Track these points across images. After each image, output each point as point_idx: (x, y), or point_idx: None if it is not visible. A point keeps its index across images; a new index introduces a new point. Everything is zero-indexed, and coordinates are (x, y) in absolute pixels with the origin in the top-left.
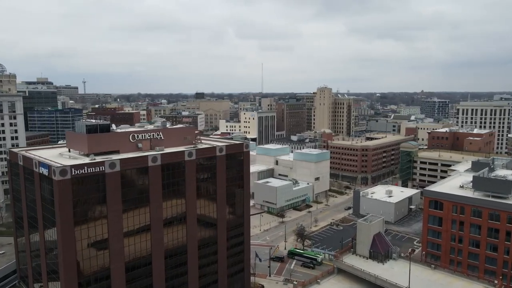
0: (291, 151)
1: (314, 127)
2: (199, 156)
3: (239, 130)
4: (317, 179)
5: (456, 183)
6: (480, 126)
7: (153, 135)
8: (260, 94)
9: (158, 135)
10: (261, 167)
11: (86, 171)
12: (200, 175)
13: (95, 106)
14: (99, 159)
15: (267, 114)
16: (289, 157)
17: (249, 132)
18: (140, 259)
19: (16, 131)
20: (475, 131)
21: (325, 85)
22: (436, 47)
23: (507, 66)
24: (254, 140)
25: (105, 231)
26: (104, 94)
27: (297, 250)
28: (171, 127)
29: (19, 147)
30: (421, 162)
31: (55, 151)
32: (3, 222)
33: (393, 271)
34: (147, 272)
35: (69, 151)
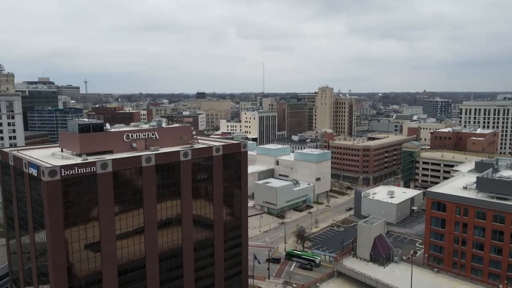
0: (292, 151)
1: (316, 127)
2: (195, 156)
3: (240, 130)
4: (318, 179)
5: (459, 184)
6: (484, 126)
7: (148, 134)
8: (262, 94)
9: (153, 134)
10: (262, 167)
11: (76, 172)
12: (196, 176)
13: (96, 106)
14: (92, 159)
15: (268, 114)
16: (289, 157)
17: (250, 132)
18: (134, 262)
19: (14, 130)
20: (478, 131)
21: (326, 85)
22: (437, 47)
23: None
24: (255, 140)
25: (97, 234)
26: (105, 94)
27: (295, 251)
28: (167, 127)
29: (11, 147)
30: (424, 163)
31: (48, 151)
32: None
33: (394, 274)
34: (141, 276)
35: (62, 151)
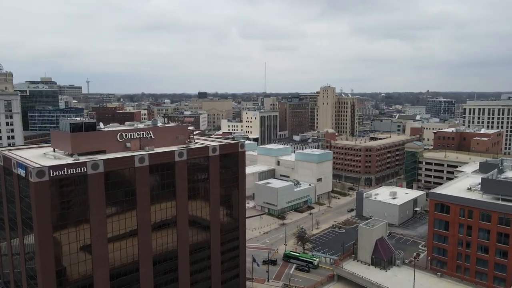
0: (293, 151)
1: (317, 127)
2: (190, 157)
3: (241, 130)
4: (319, 180)
5: (463, 185)
6: (488, 126)
7: (143, 134)
8: (264, 94)
9: (148, 134)
10: (262, 168)
11: (66, 172)
12: (192, 176)
13: (97, 105)
14: (83, 159)
15: (269, 114)
16: (290, 158)
17: (251, 132)
18: (127, 265)
19: (12, 130)
20: (483, 131)
21: (328, 85)
22: (441, 46)
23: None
24: (256, 140)
25: (88, 236)
26: (107, 94)
27: (292, 253)
28: (162, 126)
29: (5, 147)
30: (427, 163)
31: (40, 151)
32: None
33: (396, 279)
34: (134, 279)
35: (54, 151)
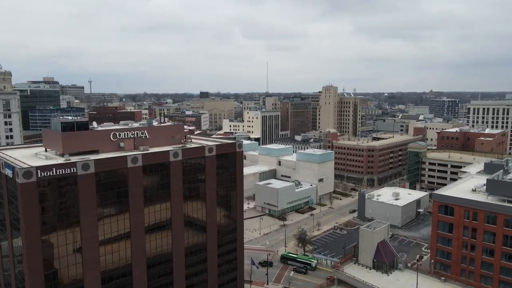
0: (294, 151)
1: (319, 126)
2: (186, 157)
3: (242, 129)
4: (320, 180)
5: (467, 186)
6: (492, 126)
7: (137, 133)
8: (266, 94)
9: (142, 133)
10: (263, 168)
11: (54, 173)
12: (187, 177)
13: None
14: (75, 159)
15: (271, 114)
16: (292, 158)
17: (252, 132)
18: (119, 268)
19: (11, 129)
20: (487, 131)
21: (330, 84)
22: (444, 46)
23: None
24: (257, 140)
25: (78, 239)
26: (110, 94)
27: (290, 254)
28: (158, 125)
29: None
30: (430, 163)
31: (32, 150)
32: None
33: (398, 283)
34: (127, 283)
35: (46, 150)
